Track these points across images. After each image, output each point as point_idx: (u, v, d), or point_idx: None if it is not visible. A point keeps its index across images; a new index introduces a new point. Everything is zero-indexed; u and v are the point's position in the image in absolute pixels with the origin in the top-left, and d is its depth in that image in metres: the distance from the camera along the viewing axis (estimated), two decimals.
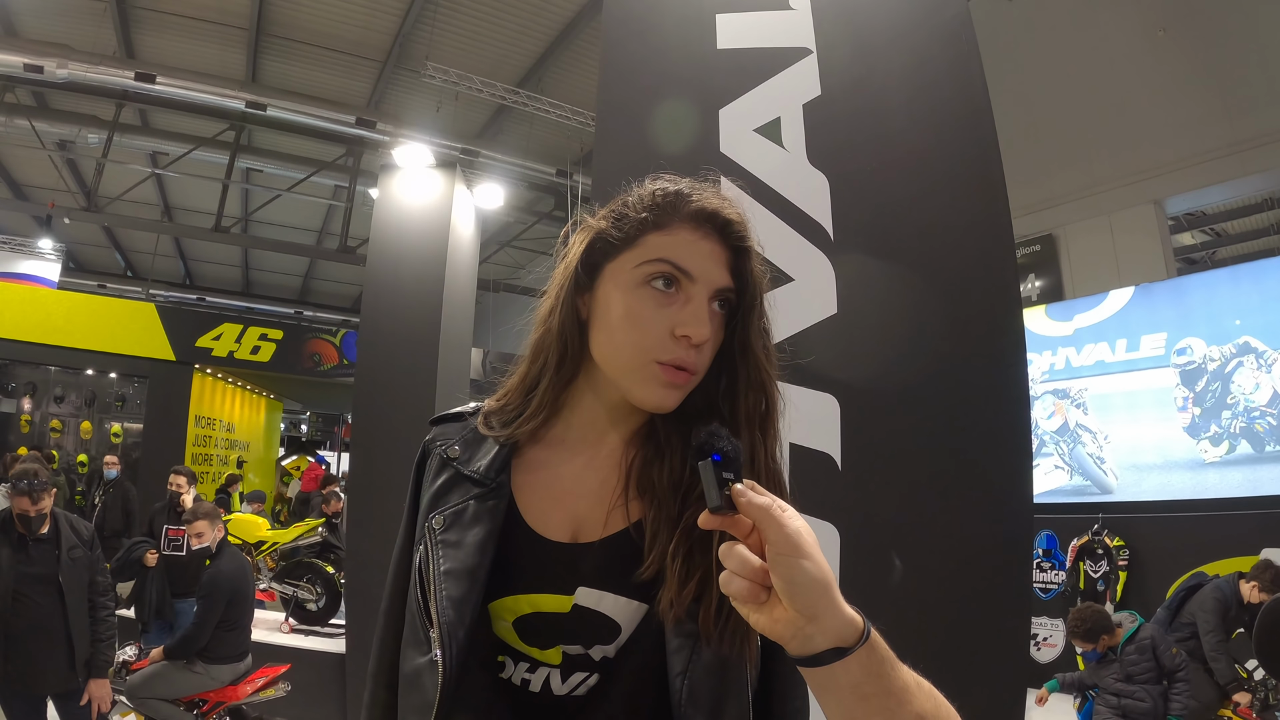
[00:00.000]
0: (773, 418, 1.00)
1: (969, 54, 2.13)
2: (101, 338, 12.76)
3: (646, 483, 0.99)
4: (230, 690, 4.73)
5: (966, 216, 2.05)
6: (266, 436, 18.64)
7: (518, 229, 15.01)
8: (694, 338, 0.94)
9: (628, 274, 0.98)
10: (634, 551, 0.96)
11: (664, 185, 1.02)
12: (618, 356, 0.98)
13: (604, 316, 1.00)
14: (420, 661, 0.97)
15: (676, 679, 0.90)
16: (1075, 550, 7.89)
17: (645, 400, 0.98)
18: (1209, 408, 7.81)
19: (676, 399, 0.98)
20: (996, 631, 1.86)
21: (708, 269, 0.97)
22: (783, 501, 0.75)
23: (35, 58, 8.93)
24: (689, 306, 0.95)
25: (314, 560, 7.74)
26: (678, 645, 0.91)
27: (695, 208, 0.98)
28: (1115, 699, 4.74)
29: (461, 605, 0.95)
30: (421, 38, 9.93)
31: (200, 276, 19.71)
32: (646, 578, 0.93)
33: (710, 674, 0.90)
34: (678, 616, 0.90)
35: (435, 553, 0.99)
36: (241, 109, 9.98)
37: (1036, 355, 9.29)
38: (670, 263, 0.96)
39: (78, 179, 13.62)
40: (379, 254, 6.49)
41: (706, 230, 0.98)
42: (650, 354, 0.95)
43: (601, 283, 1.02)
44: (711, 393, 1.01)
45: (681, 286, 0.96)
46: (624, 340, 0.97)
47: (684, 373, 0.96)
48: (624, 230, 1.00)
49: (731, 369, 1.00)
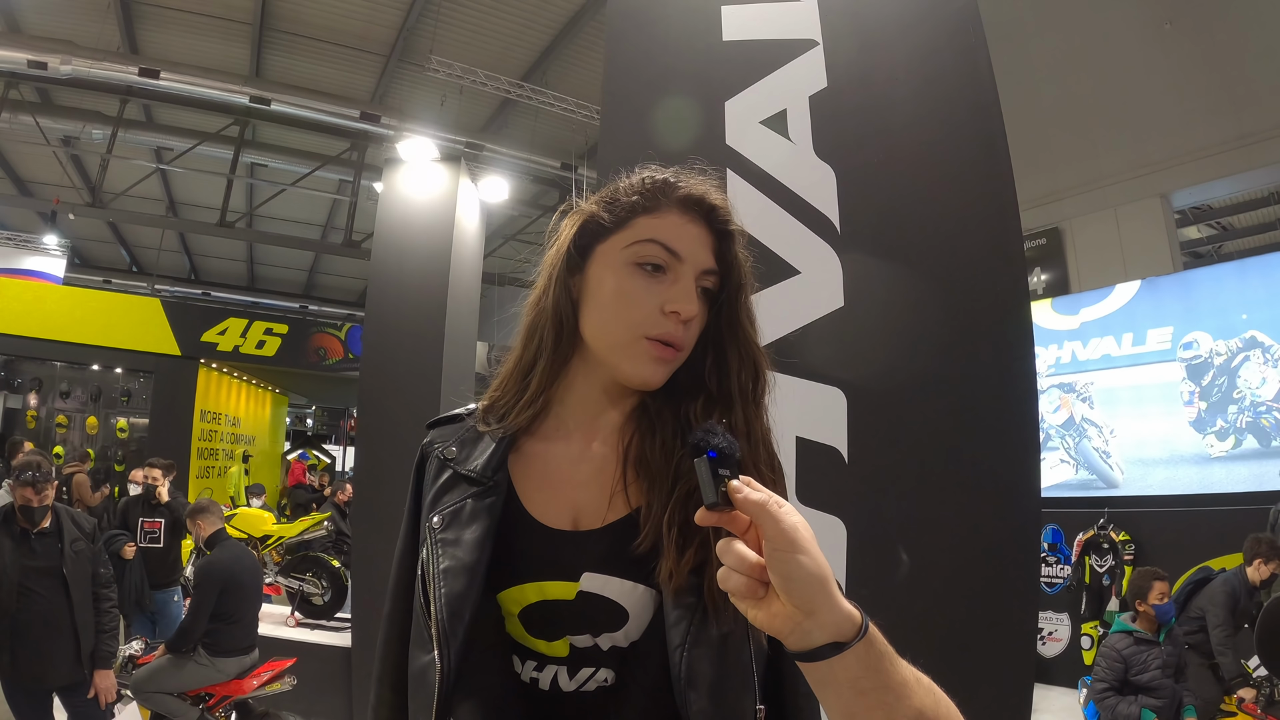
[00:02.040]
0: (761, 389, 1.05)
1: (976, 46, 2.12)
2: (107, 333, 12.78)
3: (642, 461, 1.01)
4: (236, 684, 4.74)
5: (974, 209, 2.04)
6: (272, 431, 18.68)
7: (523, 222, 15.04)
8: (683, 313, 0.98)
9: (618, 254, 1.03)
10: (637, 536, 0.96)
11: (653, 173, 1.07)
12: (609, 333, 1.02)
13: (595, 295, 1.04)
14: (424, 660, 0.97)
15: (675, 652, 0.90)
16: (1081, 545, 7.86)
17: (634, 375, 1.01)
18: (1215, 402, 7.78)
19: (664, 375, 1.02)
20: (1004, 626, 1.85)
21: (694, 251, 1.02)
22: (780, 497, 0.75)
23: (39, 54, 8.95)
24: (677, 285, 1.00)
25: (320, 554, 7.74)
26: (676, 618, 0.92)
27: (683, 193, 1.03)
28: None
29: (459, 602, 0.95)
30: (425, 31, 9.93)
31: (205, 271, 19.78)
32: (644, 550, 0.94)
33: (710, 647, 0.91)
34: (678, 586, 0.91)
35: (435, 552, 0.99)
36: (246, 104, 10.02)
37: (1042, 349, 9.26)
38: (660, 243, 1.01)
39: (82, 175, 13.66)
40: (384, 248, 6.48)
41: (694, 215, 1.03)
42: (640, 329, 0.99)
43: (592, 263, 1.06)
44: (698, 370, 1.05)
45: (669, 267, 1.01)
46: (615, 317, 1.01)
47: (671, 348, 1.00)
48: (615, 213, 1.05)
49: (719, 347, 1.05)
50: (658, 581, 0.94)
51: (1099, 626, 7.29)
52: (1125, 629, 4.82)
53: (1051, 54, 9.36)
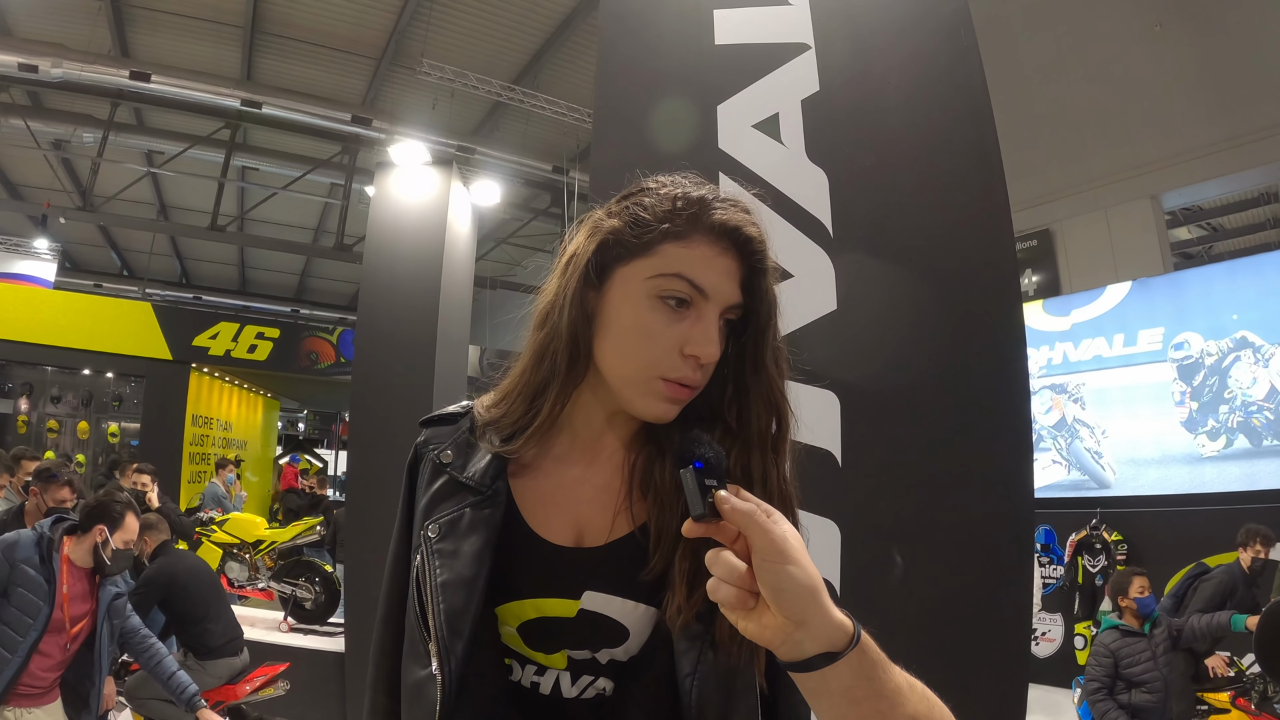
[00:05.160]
0: (784, 436, 0.99)
1: (968, 49, 2.12)
2: (98, 337, 12.74)
3: (649, 484, 0.98)
4: (229, 689, 4.72)
5: (966, 212, 2.04)
6: (264, 435, 18.61)
7: (514, 226, 15.02)
8: (703, 359, 0.92)
9: (641, 284, 0.95)
10: (640, 555, 0.95)
11: (686, 191, 0.97)
12: (623, 367, 0.96)
13: (614, 325, 0.97)
14: (421, 675, 0.95)
15: (685, 680, 0.89)
16: (1073, 545, 7.90)
17: (645, 412, 0.96)
18: (1206, 402, 7.82)
19: (675, 413, 0.96)
20: (998, 628, 1.86)
21: (722, 285, 0.94)
22: (768, 506, 0.75)
23: (30, 57, 8.92)
24: (700, 325, 0.93)
25: (312, 559, 7.74)
26: (685, 647, 0.90)
27: (718, 220, 0.94)
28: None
29: (459, 619, 0.93)
30: (417, 34, 9.92)
31: (197, 275, 19.72)
32: (651, 579, 0.93)
33: (719, 675, 0.90)
34: (686, 622, 0.89)
35: (431, 563, 0.97)
36: (237, 107, 9.99)
37: (1034, 350, 9.28)
38: (686, 279, 0.93)
39: (73, 178, 13.63)
40: (375, 252, 6.47)
41: (725, 245, 0.94)
42: (656, 369, 0.93)
43: (612, 286, 0.98)
44: (715, 400, 0.99)
45: (694, 303, 0.94)
46: (632, 353, 0.95)
47: (686, 389, 0.95)
48: (641, 236, 0.96)
49: (742, 384, 0.98)
50: (660, 601, 0.93)
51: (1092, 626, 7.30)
52: (1113, 625, 4.87)
53: (1041, 55, 9.40)
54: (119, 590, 3.60)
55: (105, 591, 3.51)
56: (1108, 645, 4.80)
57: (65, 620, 3.32)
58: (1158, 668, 4.68)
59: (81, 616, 3.39)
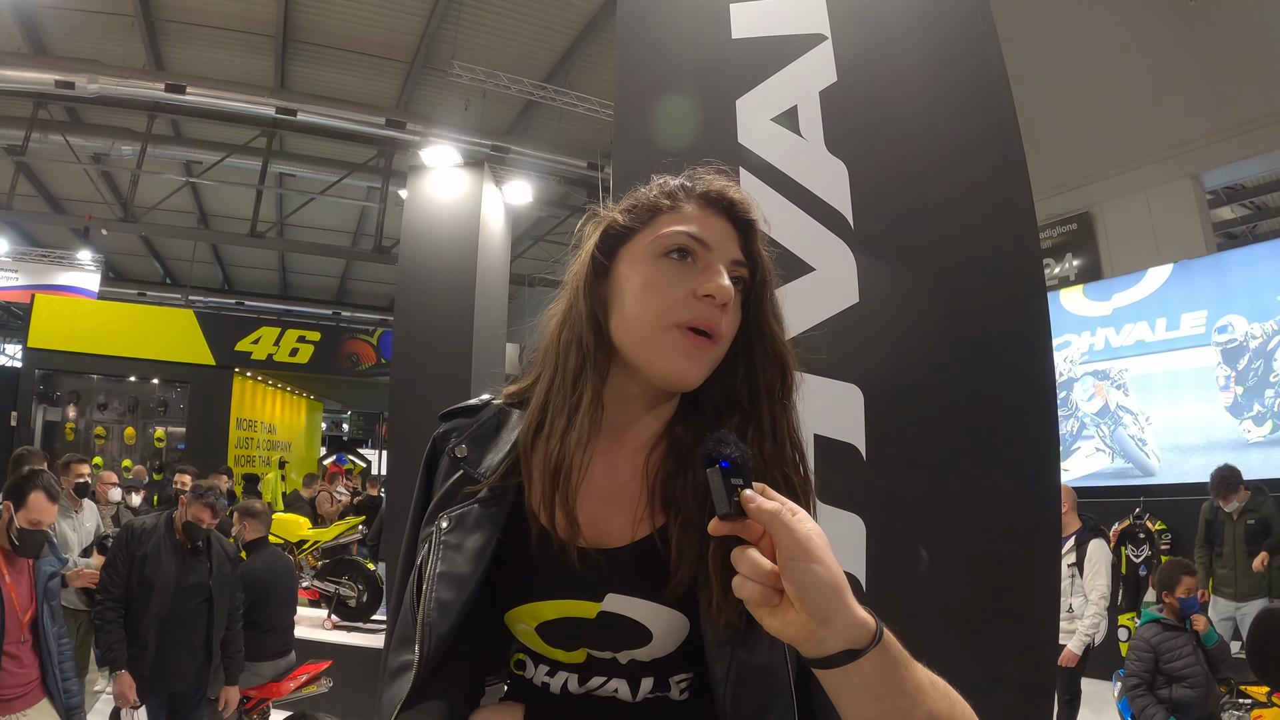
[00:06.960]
0: (789, 388, 1.01)
1: (987, 35, 2.10)
2: (142, 345, 13.02)
3: (670, 497, 0.98)
4: (273, 686, 4.80)
5: (988, 201, 2.02)
6: (308, 437, 18.90)
7: (551, 223, 15.11)
8: (718, 296, 0.93)
9: (644, 249, 0.99)
10: (661, 558, 0.95)
11: (669, 177, 1.05)
12: (640, 326, 0.97)
13: (623, 293, 1.00)
14: (402, 660, 0.95)
15: (719, 685, 0.90)
16: (1116, 534, 7.75)
17: (668, 370, 0.95)
18: (1251, 386, 7.65)
19: (699, 370, 0.96)
20: (1025, 621, 1.84)
21: (721, 241, 0.98)
22: (794, 505, 0.76)
23: (66, 74, 9.12)
24: (707, 271, 0.96)
25: (355, 558, 7.84)
26: (717, 652, 0.91)
27: (702, 189, 1.01)
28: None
29: (448, 610, 0.94)
30: (447, 37, 9.99)
31: (238, 281, 20.03)
32: (678, 592, 0.93)
33: (753, 678, 0.91)
34: (729, 620, 0.89)
35: (435, 553, 0.97)
36: (272, 115, 10.16)
37: (1075, 336, 9.16)
38: (686, 233, 0.97)
39: (113, 190, 13.90)
40: (410, 254, 6.54)
41: (715, 209, 1.00)
42: (671, 317, 0.94)
43: (618, 265, 1.02)
44: (729, 385, 1.00)
45: (698, 254, 0.97)
46: (644, 308, 0.96)
47: (706, 338, 0.95)
48: (637, 215, 1.02)
49: (749, 352, 1.01)
50: (684, 604, 0.93)
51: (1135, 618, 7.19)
52: (1154, 618, 4.76)
53: (1075, 36, 9.24)
54: (53, 570, 3.56)
55: (40, 572, 3.46)
56: (1148, 640, 4.67)
57: (17, 609, 3.29)
58: (1199, 661, 4.58)
59: (29, 603, 3.37)
